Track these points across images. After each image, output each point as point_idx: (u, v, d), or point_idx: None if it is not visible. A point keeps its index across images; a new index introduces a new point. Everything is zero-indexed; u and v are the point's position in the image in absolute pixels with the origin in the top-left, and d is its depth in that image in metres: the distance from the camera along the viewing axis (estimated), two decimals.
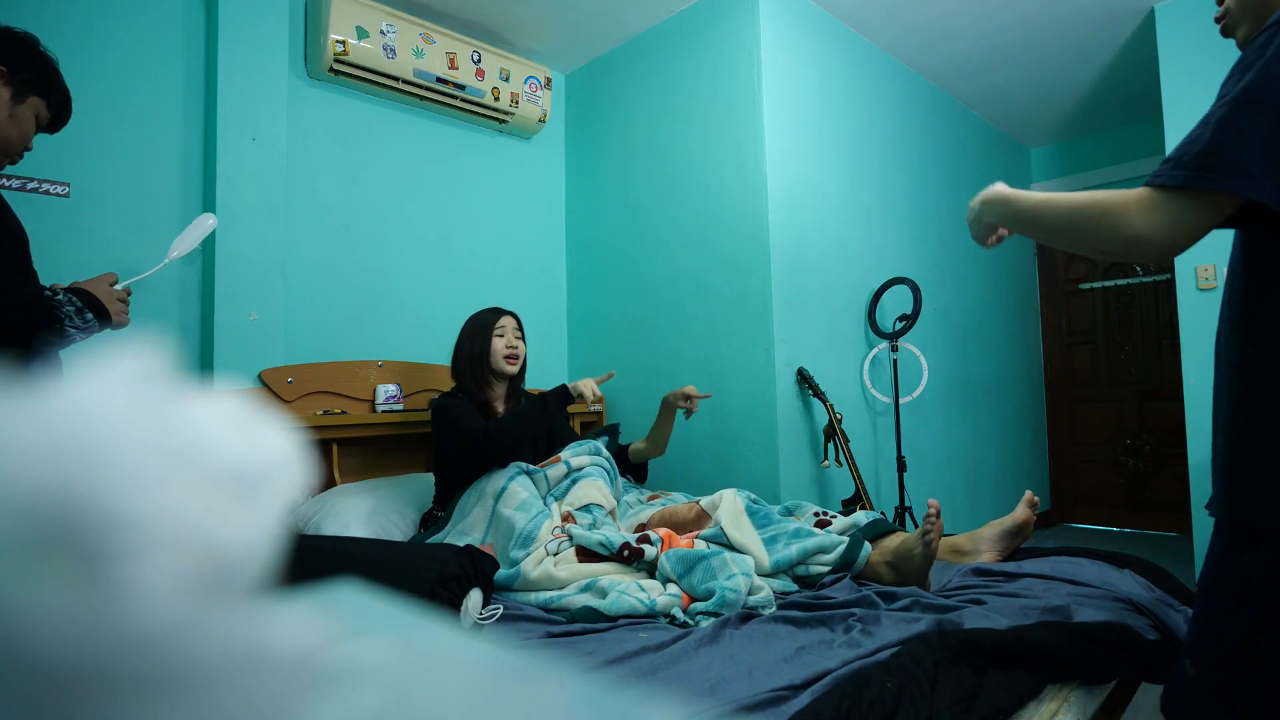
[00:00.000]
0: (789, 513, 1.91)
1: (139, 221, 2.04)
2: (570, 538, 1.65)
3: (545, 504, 1.78)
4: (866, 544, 1.57)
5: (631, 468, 2.28)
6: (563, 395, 1.90)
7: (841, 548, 1.56)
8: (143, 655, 0.14)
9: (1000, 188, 0.99)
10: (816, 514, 1.86)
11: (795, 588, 1.54)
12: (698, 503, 1.79)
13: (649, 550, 1.55)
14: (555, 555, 1.62)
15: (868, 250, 2.90)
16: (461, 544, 1.60)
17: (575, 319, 3.18)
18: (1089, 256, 0.90)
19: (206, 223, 1.59)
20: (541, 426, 1.78)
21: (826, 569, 1.55)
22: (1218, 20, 0.88)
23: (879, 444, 2.87)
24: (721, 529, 1.61)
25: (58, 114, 1.36)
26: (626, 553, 1.56)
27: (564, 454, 1.92)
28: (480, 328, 2.01)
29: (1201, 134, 0.73)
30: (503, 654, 0.24)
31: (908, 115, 3.22)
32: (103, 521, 0.14)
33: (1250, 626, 0.73)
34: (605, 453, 2.00)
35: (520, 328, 2.06)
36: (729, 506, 1.67)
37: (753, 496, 1.80)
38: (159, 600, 0.14)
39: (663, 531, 1.63)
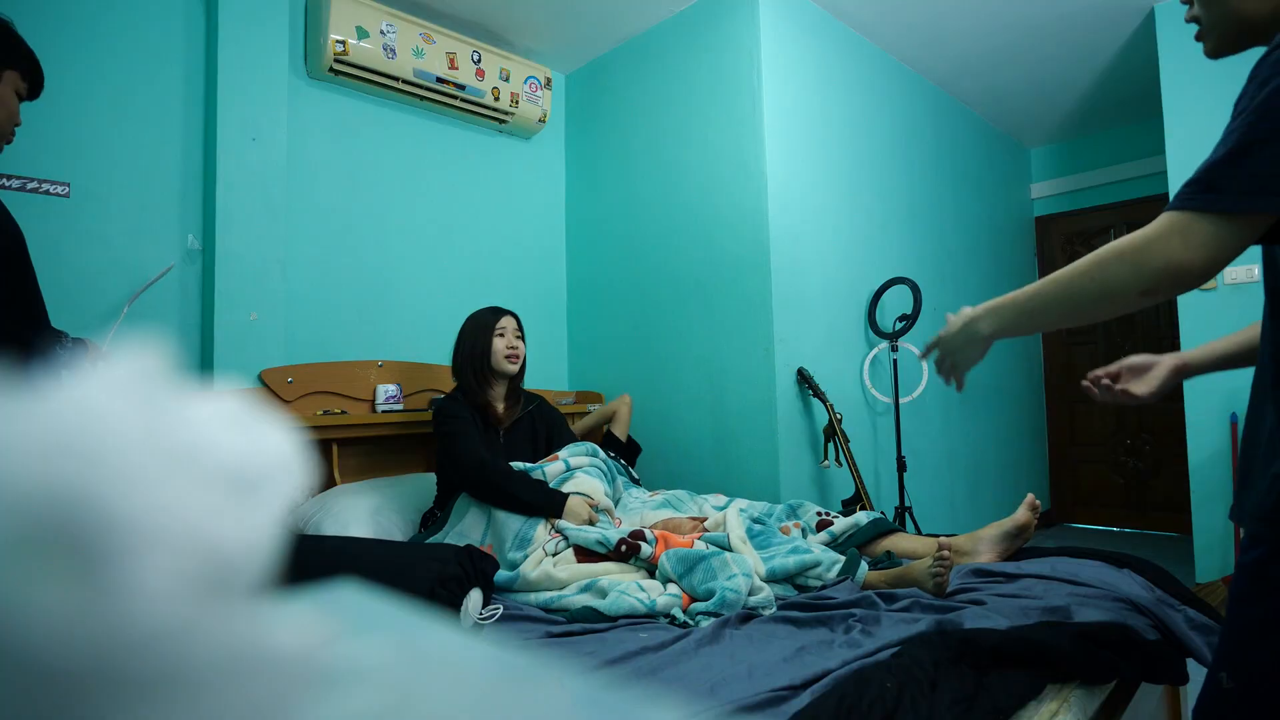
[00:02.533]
0: (793, 511, 1.91)
1: (139, 221, 2.04)
2: (565, 537, 1.65)
3: None
4: (864, 564, 1.57)
5: (621, 448, 2.33)
6: (558, 504, 1.74)
7: (838, 567, 1.56)
8: (143, 655, 0.14)
9: (970, 310, 0.95)
10: (819, 513, 1.87)
11: (795, 593, 1.54)
12: (702, 521, 1.78)
13: (644, 547, 1.56)
14: (554, 556, 1.62)
15: (868, 250, 2.90)
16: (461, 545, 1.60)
17: (575, 319, 3.18)
18: (1116, 310, 0.78)
19: (166, 268, 1.64)
20: (531, 507, 1.76)
21: (821, 584, 1.55)
22: (1190, 20, 0.85)
23: (879, 444, 2.87)
24: (726, 534, 1.62)
25: (33, 80, 1.30)
26: (624, 548, 1.57)
27: (562, 453, 1.93)
28: (481, 327, 2.01)
29: (1231, 155, 0.69)
30: (503, 654, 0.24)
31: (908, 115, 3.22)
32: (103, 521, 0.14)
33: None
34: (603, 454, 2.01)
35: (520, 328, 2.06)
36: (734, 529, 1.67)
37: (755, 517, 1.80)
38: (159, 600, 0.14)
39: (658, 530, 1.64)
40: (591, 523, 1.71)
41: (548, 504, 1.72)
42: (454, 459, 1.81)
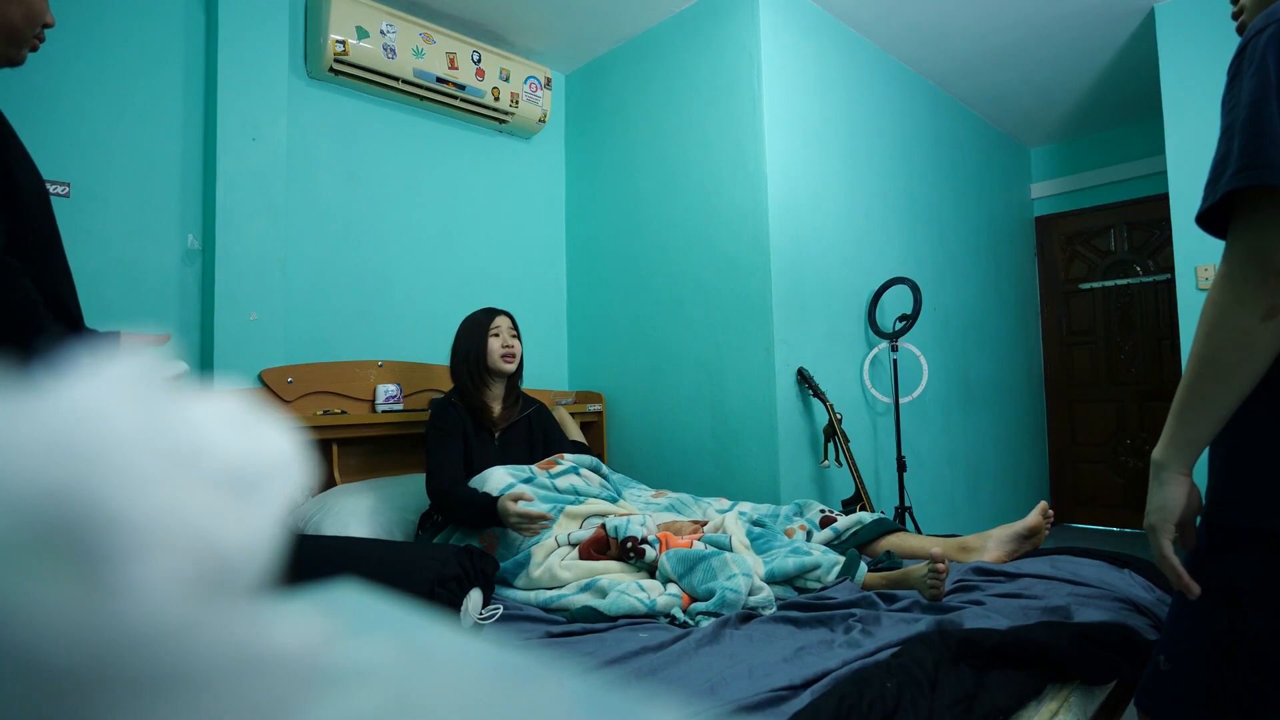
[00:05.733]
0: (799, 511, 1.92)
1: (139, 221, 2.04)
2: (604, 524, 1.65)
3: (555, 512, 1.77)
4: (863, 566, 1.57)
5: (585, 451, 2.36)
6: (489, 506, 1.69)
7: (837, 568, 1.56)
8: (143, 655, 0.14)
9: (1154, 469, 0.77)
10: (822, 511, 1.88)
11: (795, 595, 1.54)
12: (702, 525, 1.79)
13: (649, 551, 1.56)
14: (567, 547, 1.63)
15: (868, 250, 2.90)
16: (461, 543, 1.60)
17: (575, 319, 3.18)
18: (1258, 355, 0.67)
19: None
20: (476, 525, 1.73)
21: (821, 585, 1.55)
22: (1235, 17, 0.87)
23: (879, 444, 2.86)
24: (727, 536, 1.62)
25: None
26: (630, 545, 1.57)
27: (567, 458, 1.94)
28: (475, 329, 2.02)
29: (1232, 144, 0.66)
30: (503, 654, 0.24)
31: (908, 115, 3.22)
32: (103, 521, 0.14)
33: (1226, 625, 0.75)
34: (605, 468, 2.03)
35: (515, 327, 2.07)
36: (735, 533, 1.68)
37: (759, 519, 1.80)
38: (159, 600, 0.14)
39: (660, 533, 1.64)
40: (525, 515, 1.61)
41: (483, 513, 1.67)
42: (427, 468, 1.85)
